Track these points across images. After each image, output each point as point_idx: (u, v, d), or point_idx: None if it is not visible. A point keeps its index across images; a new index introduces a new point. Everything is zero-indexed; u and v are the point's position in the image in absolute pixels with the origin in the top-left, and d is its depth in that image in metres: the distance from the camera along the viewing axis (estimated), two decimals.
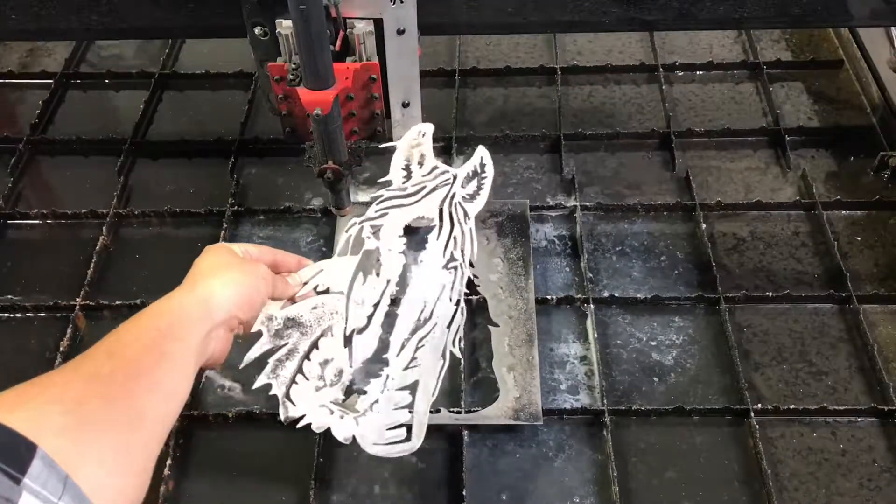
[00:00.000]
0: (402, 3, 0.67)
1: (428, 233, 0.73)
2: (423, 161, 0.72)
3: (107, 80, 1.21)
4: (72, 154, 1.11)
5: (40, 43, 1.26)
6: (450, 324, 0.72)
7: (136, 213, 1.01)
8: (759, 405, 0.81)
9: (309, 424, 0.69)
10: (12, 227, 1.02)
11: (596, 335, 0.87)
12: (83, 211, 1.01)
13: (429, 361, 0.71)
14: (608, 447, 0.78)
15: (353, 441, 0.69)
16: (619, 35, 1.25)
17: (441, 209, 0.73)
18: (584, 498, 0.76)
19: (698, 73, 1.19)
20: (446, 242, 0.73)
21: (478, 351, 0.85)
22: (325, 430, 0.69)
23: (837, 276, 0.91)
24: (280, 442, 0.80)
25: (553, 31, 1.18)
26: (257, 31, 0.70)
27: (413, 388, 0.70)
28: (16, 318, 0.92)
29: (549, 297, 0.90)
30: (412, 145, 0.72)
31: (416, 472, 0.78)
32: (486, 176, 0.73)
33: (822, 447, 0.79)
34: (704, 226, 0.97)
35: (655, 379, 0.84)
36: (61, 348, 0.86)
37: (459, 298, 0.72)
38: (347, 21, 0.68)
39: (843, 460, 0.78)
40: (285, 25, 0.67)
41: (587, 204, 1.00)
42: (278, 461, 0.79)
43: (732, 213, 1.00)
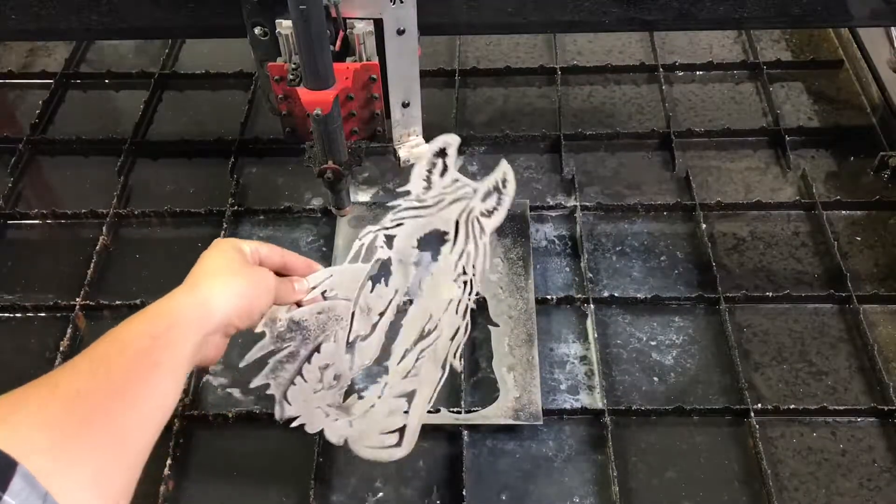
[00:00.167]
0: (402, 3, 0.67)
1: (441, 245, 0.72)
2: (444, 173, 0.71)
3: (107, 80, 1.21)
4: (72, 154, 1.11)
5: (40, 43, 1.26)
6: (453, 336, 0.71)
7: (136, 213, 1.01)
8: (759, 405, 0.81)
9: (303, 425, 0.69)
10: (12, 227, 1.02)
11: (596, 335, 0.87)
12: (83, 211, 1.01)
13: (428, 372, 0.70)
14: (608, 447, 0.78)
15: (346, 444, 0.69)
16: (619, 35, 1.25)
17: (457, 222, 0.71)
18: (583, 498, 0.76)
19: (698, 73, 1.19)
20: (459, 256, 0.71)
21: (478, 351, 0.85)
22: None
23: (837, 276, 0.91)
24: (280, 442, 0.80)
25: (553, 31, 1.18)
26: (257, 31, 0.70)
27: (410, 396, 0.70)
28: (16, 318, 0.92)
29: (549, 297, 0.90)
30: (435, 156, 0.70)
31: (416, 472, 0.78)
32: (506, 192, 0.72)
33: (822, 447, 0.79)
34: (704, 226, 0.97)
35: (655, 379, 0.84)
36: (61, 348, 0.86)
37: (466, 312, 0.71)
38: (347, 21, 0.68)
39: (843, 460, 0.78)
40: (285, 25, 0.66)
41: (587, 204, 1.00)
42: (278, 461, 0.79)
43: (732, 213, 1.00)
